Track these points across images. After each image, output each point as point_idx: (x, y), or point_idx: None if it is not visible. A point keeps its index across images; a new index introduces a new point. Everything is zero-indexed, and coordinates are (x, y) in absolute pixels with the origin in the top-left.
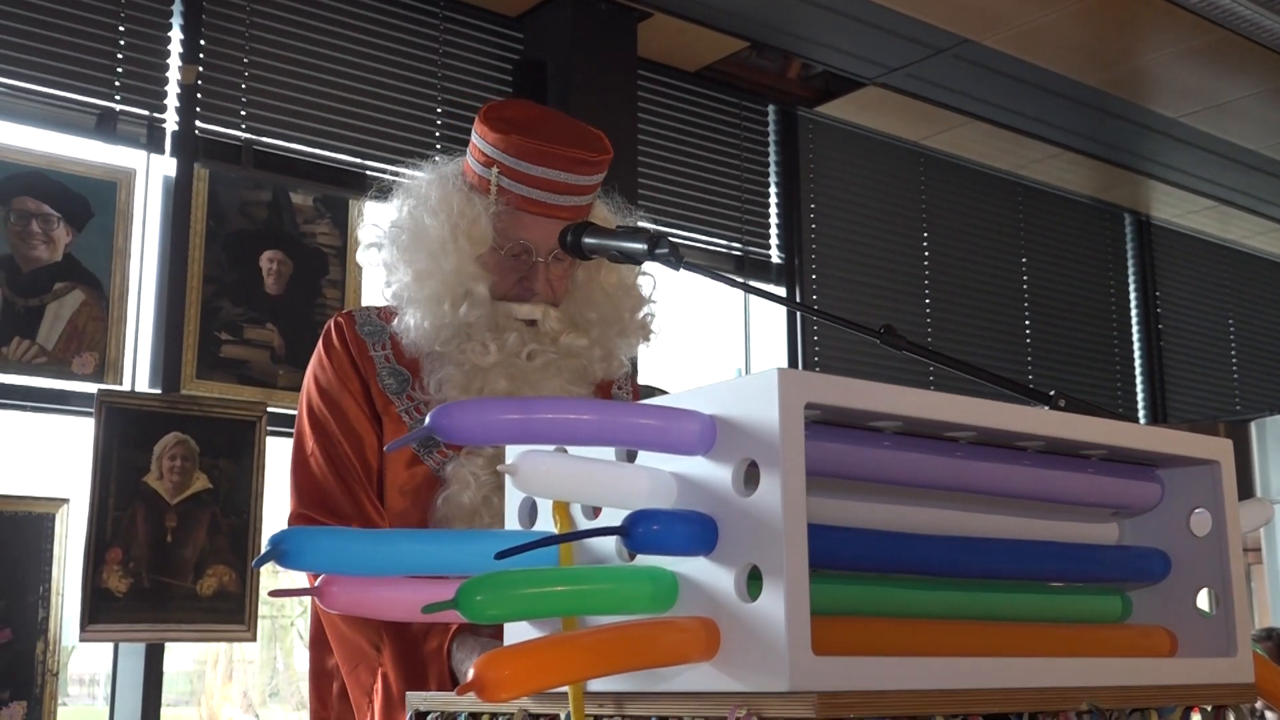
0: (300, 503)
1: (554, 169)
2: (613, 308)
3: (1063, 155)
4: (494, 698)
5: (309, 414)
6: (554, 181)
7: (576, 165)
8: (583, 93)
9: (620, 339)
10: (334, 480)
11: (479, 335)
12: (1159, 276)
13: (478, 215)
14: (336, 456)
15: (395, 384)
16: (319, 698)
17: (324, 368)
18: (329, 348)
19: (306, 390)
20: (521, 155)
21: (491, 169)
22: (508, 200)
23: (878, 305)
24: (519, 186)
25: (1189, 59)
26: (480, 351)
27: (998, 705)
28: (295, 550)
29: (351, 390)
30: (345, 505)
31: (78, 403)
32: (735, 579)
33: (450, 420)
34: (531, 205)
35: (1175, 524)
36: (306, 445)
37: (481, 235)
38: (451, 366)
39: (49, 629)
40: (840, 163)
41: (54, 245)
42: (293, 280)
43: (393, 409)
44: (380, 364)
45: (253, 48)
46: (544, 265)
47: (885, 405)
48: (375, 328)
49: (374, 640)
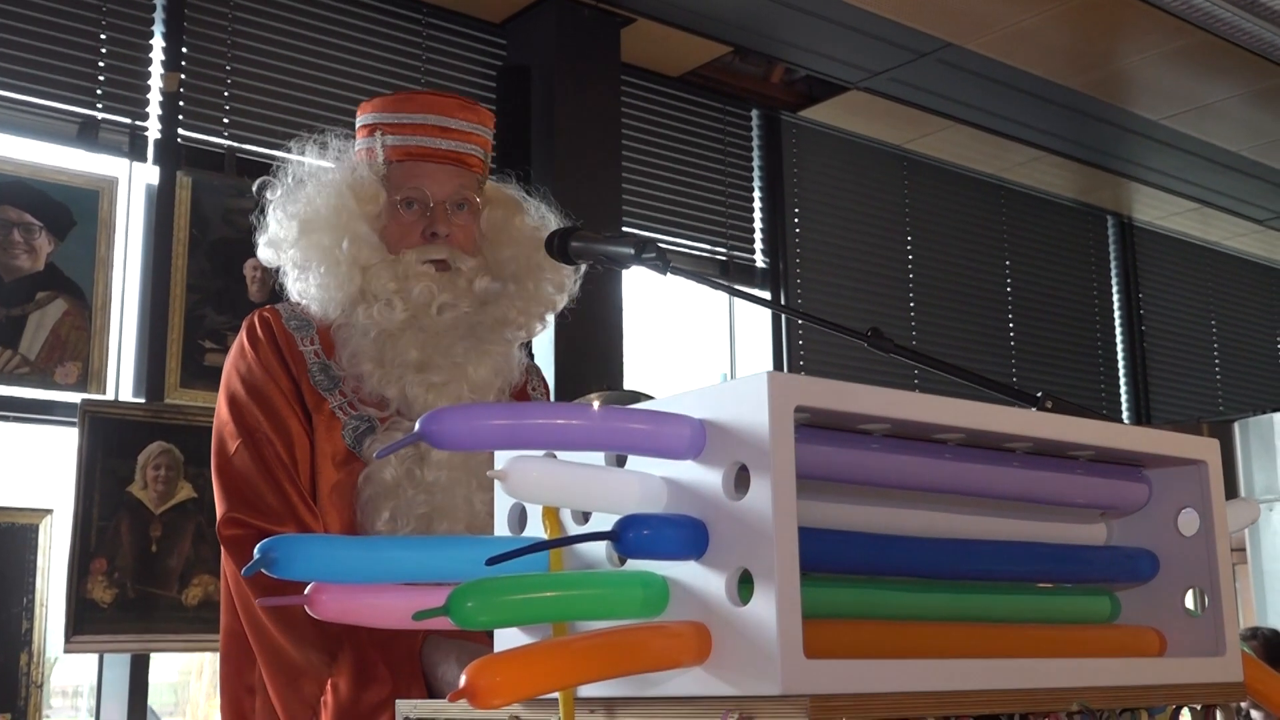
0: (230, 505)
1: (432, 113)
2: (524, 254)
3: (1045, 158)
4: (485, 705)
5: (232, 410)
6: (434, 126)
7: (452, 108)
8: (566, 98)
9: (536, 285)
10: (263, 480)
11: (382, 293)
12: (1141, 278)
13: (365, 177)
14: (264, 455)
15: (327, 380)
16: (238, 714)
17: (249, 362)
18: (254, 341)
19: (229, 386)
20: (397, 108)
21: (375, 134)
22: (396, 155)
23: (862, 309)
24: (401, 138)
25: (1170, 61)
26: (385, 310)
27: (989, 706)
28: (285, 558)
29: (280, 385)
30: (275, 504)
31: (61, 413)
32: (726, 583)
33: (440, 426)
34: (419, 151)
35: (1163, 524)
36: (229, 445)
37: (371, 194)
38: (359, 336)
39: (33, 640)
40: (824, 167)
41: (36, 254)
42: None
43: (326, 406)
44: (310, 359)
45: (235, 55)
46: (444, 210)
47: (874, 408)
48: (301, 322)
49: (330, 650)
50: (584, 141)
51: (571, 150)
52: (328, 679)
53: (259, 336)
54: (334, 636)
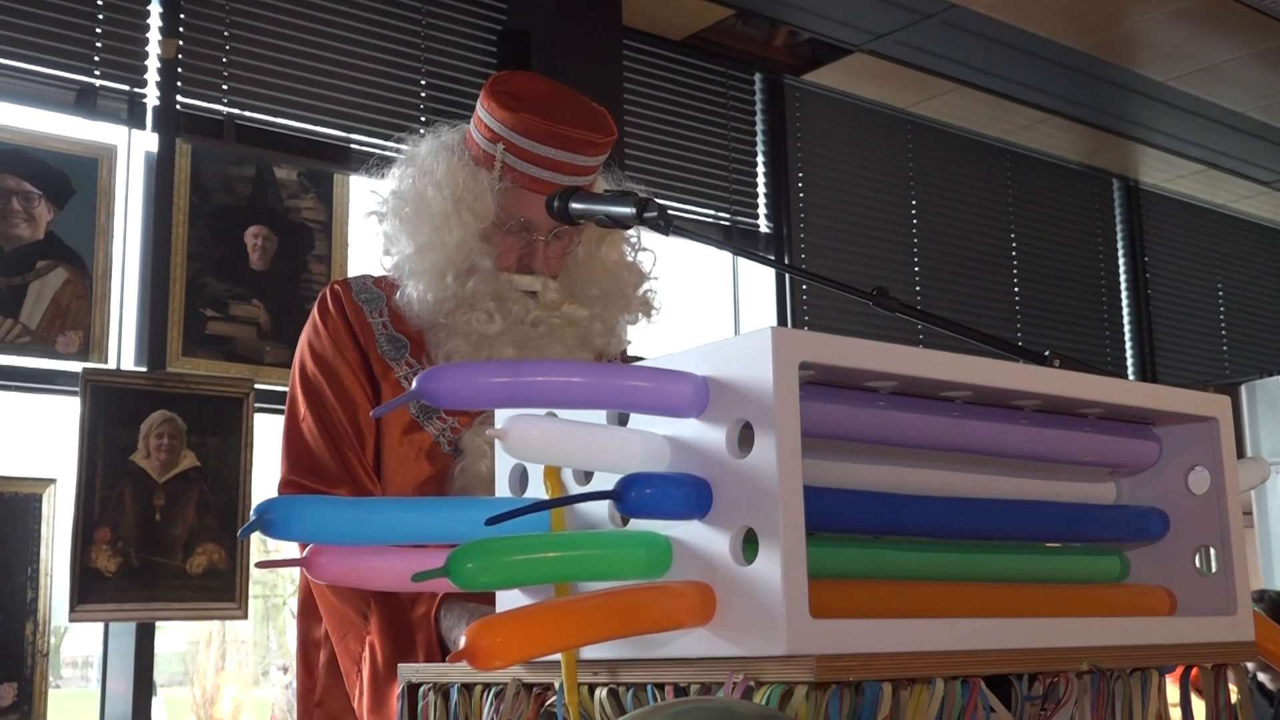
0: (290, 469)
1: (561, 149)
2: (614, 284)
3: (1050, 120)
4: (486, 666)
5: (302, 380)
6: (560, 162)
7: (584, 146)
8: (567, 62)
9: (623, 315)
10: (325, 445)
11: (482, 305)
12: (1148, 241)
13: (482, 190)
14: (329, 422)
15: (394, 351)
16: (306, 668)
17: (319, 334)
18: (324, 314)
19: (300, 356)
20: (530, 134)
21: (497, 145)
22: (513, 178)
23: (867, 272)
24: (525, 165)
25: (1177, 21)
26: (485, 321)
27: (997, 666)
28: (281, 519)
29: (348, 357)
30: (335, 470)
31: (63, 382)
32: (730, 542)
33: (438, 384)
34: (536, 184)
35: (1173, 482)
36: (299, 411)
37: (484, 210)
38: (459, 338)
39: (38, 610)
40: (827, 131)
41: (35, 223)
42: (278, 256)
43: (392, 375)
44: (378, 330)
45: (234, 20)
46: (543, 243)
47: (881, 364)
48: (372, 295)
49: (361, 609)
50: None
51: None
52: (365, 636)
53: (330, 310)
54: (364, 595)
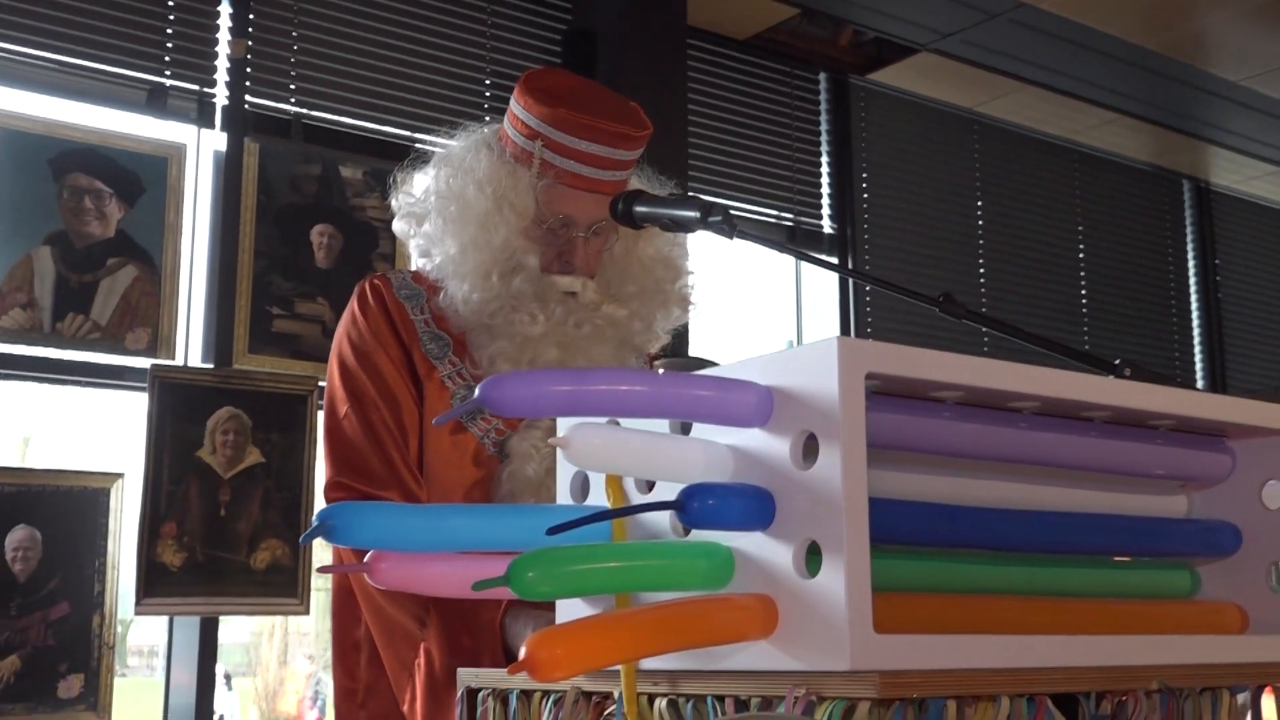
0: (337, 470)
1: (599, 144)
2: (651, 280)
3: (1120, 120)
4: (547, 678)
5: (342, 376)
6: (598, 156)
7: (620, 140)
8: (632, 62)
9: (660, 310)
10: (369, 445)
11: (525, 306)
12: (1218, 243)
13: (523, 188)
14: (371, 421)
15: (437, 349)
16: (345, 670)
17: (360, 329)
18: (365, 309)
19: (339, 352)
20: (567, 129)
21: (535, 142)
22: (554, 175)
23: (932, 275)
24: (563, 161)
25: (1249, 20)
26: (529, 322)
27: (1065, 684)
28: (343, 526)
29: (390, 353)
30: (381, 472)
31: (131, 378)
32: (794, 554)
33: (500, 392)
34: (576, 180)
35: (1246, 496)
36: (340, 409)
37: (526, 208)
38: (503, 340)
39: (105, 602)
40: (893, 131)
41: (106, 221)
42: (343, 254)
43: (436, 374)
44: (421, 328)
45: (301, 20)
46: (583, 239)
47: (947, 375)
48: (413, 291)
49: (418, 615)
50: (650, 106)
51: None
52: (420, 643)
53: (370, 304)
54: (422, 602)
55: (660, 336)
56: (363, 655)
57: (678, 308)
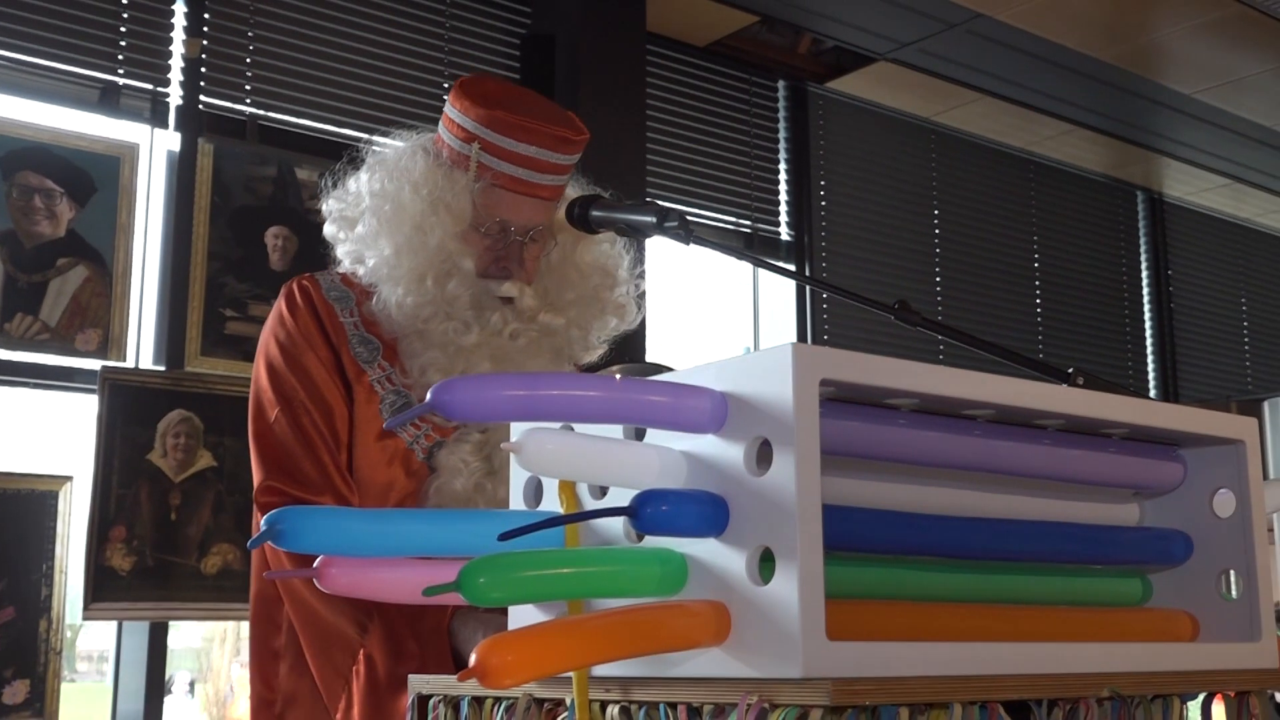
0: (268, 474)
1: (537, 146)
2: (589, 288)
3: (1075, 132)
4: (497, 684)
5: (270, 378)
6: (536, 160)
7: (559, 144)
8: (591, 67)
9: (597, 320)
10: (301, 449)
11: (460, 314)
12: (1171, 254)
13: (460, 191)
14: (302, 425)
15: (366, 353)
16: (264, 680)
17: (287, 330)
18: (293, 309)
19: (266, 353)
20: (505, 132)
21: (472, 145)
22: (490, 177)
23: (888, 284)
24: (501, 164)
25: (1204, 34)
26: (462, 331)
27: (1017, 692)
28: (292, 531)
29: (319, 356)
30: (314, 476)
31: (81, 380)
32: (747, 561)
33: (453, 396)
34: (514, 184)
35: (1198, 505)
36: (269, 413)
37: (462, 211)
38: (435, 349)
39: (52, 607)
40: (850, 139)
41: (57, 221)
42: (298, 256)
43: (365, 378)
44: (350, 330)
45: (257, 21)
46: (520, 244)
47: (902, 382)
48: (342, 293)
49: (360, 621)
50: (608, 112)
51: (595, 120)
52: (359, 649)
53: (298, 304)
54: (365, 607)
55: (595, 346)
56: (283, 664)
57: (614, 316)
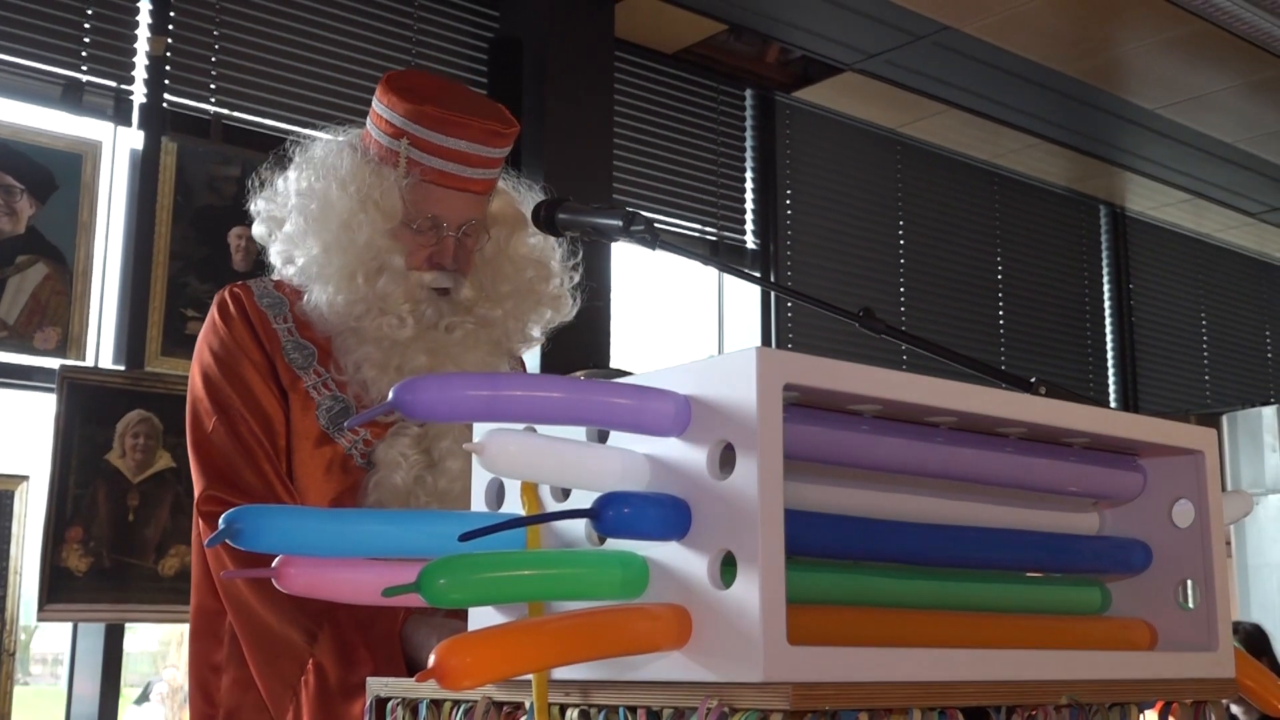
0: (209, 483)
1: (466, 141)
2: (524, 280)
3: (1039, 145)
4: (455, 686)
5: (206, 388)
6: (467, 154)
7: (490, 137)
8: (559, 72)
9: (533, 311)
10: (241, 458)
11: (394, 309)
12: (1133, 268)
13: (389, 188)
14: (240, 433)
15: (301, 359)
16: (205, 695)
17: (221, 338)
18: (226, 318)
19: (201, 362)
20: (434, 126)
21: (401, 140)
22: (420, 173)
23: (852, 291)
24: (431, 159)
25: (1168, 50)
26: (397, 326)
27: (976, 698)
28: (251, 530)
29: (255, 363)
30: (256, 485)
31: (39, 378)
32: (708, 565)
33: (415, 396)
34: (444, 179)
35: (1157, 515)
36: (207, 422)
37: (392, 208)
38: (369, 345)
39: (6, 608)
40: (817, 148)
41: (17, 217)
42: (261, 257)
43: (300, 384)
44: (284, 336)
45: (223, 20)
46: (453, 239)
47: (866, 388)
48: (274, 300)
49: (309, 629)
50: (575, 117)
51: (562, 126)
52: (309, 658)
53: (231, 313)
54: (315, 614)
55: (533, 338)
56: (225, 677)
57: (550, 308)
